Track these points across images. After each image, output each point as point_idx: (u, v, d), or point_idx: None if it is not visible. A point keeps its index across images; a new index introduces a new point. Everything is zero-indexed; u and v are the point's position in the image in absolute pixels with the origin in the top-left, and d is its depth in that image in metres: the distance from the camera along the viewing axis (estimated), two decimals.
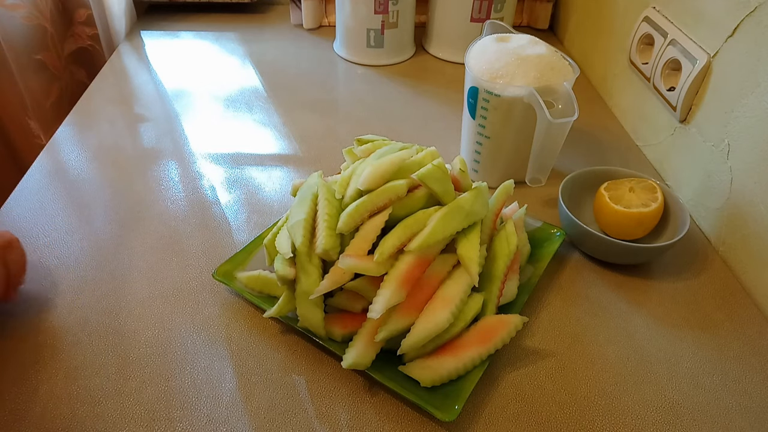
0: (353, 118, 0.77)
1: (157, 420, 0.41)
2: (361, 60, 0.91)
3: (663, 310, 0.51)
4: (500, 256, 0.47)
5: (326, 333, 0.44)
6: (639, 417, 0.42)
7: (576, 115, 0.53)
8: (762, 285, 0.52)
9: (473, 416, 0.42)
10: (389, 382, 0.41)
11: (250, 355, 0.46)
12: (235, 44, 0.95)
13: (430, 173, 0.44)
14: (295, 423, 0.41)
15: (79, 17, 0.88)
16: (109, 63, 0.88)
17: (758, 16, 0.51)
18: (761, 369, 0.46)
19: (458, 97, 0.82)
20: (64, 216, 0.58)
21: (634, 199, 0.55)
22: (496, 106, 0.58)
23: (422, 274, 0.43)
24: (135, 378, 0.44)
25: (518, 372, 0.45)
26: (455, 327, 0.42)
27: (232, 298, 0.50)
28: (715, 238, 0.58)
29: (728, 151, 0.56)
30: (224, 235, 0.57)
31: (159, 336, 0.47)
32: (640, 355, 0.47)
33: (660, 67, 0.65)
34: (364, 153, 0.51)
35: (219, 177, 0.65)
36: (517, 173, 0.62)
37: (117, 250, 0.55)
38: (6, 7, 0.75)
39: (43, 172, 0.64)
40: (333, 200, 0.46)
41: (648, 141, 0.71)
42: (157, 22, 1.00)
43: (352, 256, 0.42)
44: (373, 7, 0.84)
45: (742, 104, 0.53)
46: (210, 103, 0.79)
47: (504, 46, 0.60)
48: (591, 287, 0.53)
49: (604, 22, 0.82)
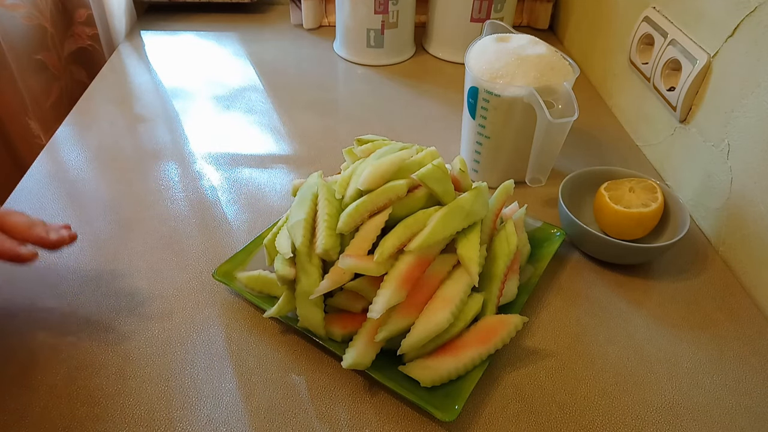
0: (353, 118, 0.77)
1: (157, 420, 0.41)
2: (361, 60, 0.91)
3: (663, 310, 0.51)
4: (500, 256, 0.47)
5: (326, 333, 0.44)
6: (639, 417, 0.42)
7: (576, 115, 0.53)
8: (762, 285, 0.52)
9: (473, 416, 0.42)
10: (389, 382, 0.41)
11: (250, 355, 0.46)
12: (235, 44, 0.95)
13: (430, 173, 0.44)
14: (295, 423, 0.41)
15: (79, 17, 0.88)
16: (109, 63, 0.88)
17: (758, 16, 0.51)
18: (761, 369, 0.46)
19: (458, 97, 0.82)
20: (64, 216, 0.58)
21: (634, 199, 0.55)
22: (496, 106, 0.58)
23: (422, 274, 0.43)
24: (135, 378, 0.44)
25: (518, 372, 0.45)
26: (455, 327, 0.42)
27: (232, 298, 0.50)
28: (715, 238, 0.58)
29: (728, 151, 0.56)
30: (224, 235, 0.57)
31: (159, 336, 0.47)
32: (640, 355, 0.47)
33: (660, 67, 0.65)
34: (364, 153, 0.51)
35: (219, 177, 0.65)
36: (517, 173, 0.62)
37: (117, 250, 0.55)
38: (6, 7, 0.75)
39: (43, 172, 0.64)
40: (333, 200, 0.46)
41: (648, 141, 0.71)
42: (157, 22, 1.00)
43: (352, 256, 0.42)
44: (373, 7, 0.84)
45: (742, 104, 0.53)
46: (210, 103, 0.79)
47: (504, 46, 0.60)
48: (591, 287, 0.53)
49: (604, 22, 0.82)
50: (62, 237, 0.43)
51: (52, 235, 0.43)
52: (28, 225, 0.43)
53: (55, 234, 0.43)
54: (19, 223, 0.43)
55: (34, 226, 0.43)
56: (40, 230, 0.43)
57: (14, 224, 0.42)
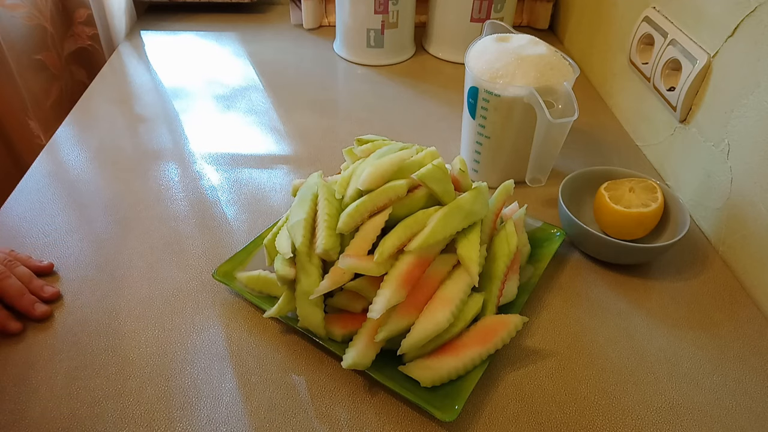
0: (353, 118, 0.77)
1: (157, 420, 0.41)
2: (361, 60, 0.91)
3: (663, 310, 0.51)
4: (500, 256, 0.47)
5: (326, 333, 0.44)
6: (639, 417, 0.42)
7: (576, 115, 0.53)
8: (762, 285, 0.52)
9: (473, 416, 0.42)
10: (389, 382, 0.41)
11: (250, 355, 0.46)
12: (235, 44, 0.95)
13: (430, 173, 0.44)
14: (295, 423, 0.41)
15: (79, 17, 0.88)
16: (109, 63, 0.88)
17: (758, 16, 0.51)
18: (761, 369, 0.46)
19: (458, 97, 0.82)
20: (64, 216, 0.58)
21: (634, 199, 0.55)
22: (496, 106, 0.58)
23: (422, 274, 0.43)
24: (135, 378, 0.44)
25: (518, 372, 0.45)
26: (455, 327, 0.42)
27: (232, 298, 0.50)
28: (715, 238, 0.58)
29: (728, 151, 0.56)
30: (224, 235, 0.57)
31: (159, 336, 0.47)
32: (640, 355, 0.47)
33: (660, 67, 0.65)
34: (364, 153, 0.51)
35: (219, 177, 0.65)
36: (517, 173, 0.62)
37: (117, 250, 0.55)
38: (6, 7, 0.75)
39: (43, 172, 0.64)
40: (333, 200, 0.46)
41: (648, 141, 0.71)
42: (157, 22, 1.00)
43: (352, 256, 0.42)
44: (373, 7, 0.84)
45: (742, 104, 0.53)
46: (210, 103, 0.79)
47: (504, 46, 0.60)
48: (591, 287, 0.53)
49: (604, 22, 0.82)
50: (45, 312, 0.48)
51: (37, 309, 0.48)
52: (20, 293, 0.47)
53: (40, 307, 0.48)
54: (13, 289, 0.47)
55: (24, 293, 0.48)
56: (28, 301, 0.47)
57: (7, 289, 0.47)
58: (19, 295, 0.47)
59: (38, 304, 0.48)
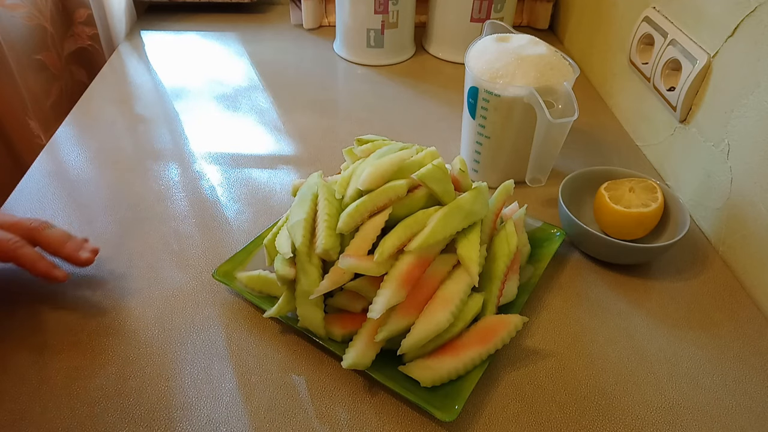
0: (353, 118, 0.77)
1: (157, 420, 0.41)
2: (361, 60, 0.91)
3: (663, 310, 0.51)
4: (500, 256, 0.47)
5: (326, 333, 0.44)
6: (639, 417, 0.42)
7: (576, 115, 0.53)
8: (762, 285, 0.52)
9: (473, 416, 0.42)
10: (389, 382, 0.41)
11: (250, 355, 0.46)
12: (235, 44, 0.95)
13: (430, 173, 0.44)
14: (295, 423, 0.41)
15: (79, 17, 0.88)
16: (109, 63, 0.88)
17: (758, 16, 0.51)
18: (761, 369, 0.46)
19: (458, 97, 0.82)
20: (64, 216, 0.58)
21: (634, 199, 0.55)
22: (496, 106, 0.58)
23: (422, 274, 0.43)
24: (135, 378, 0.44)
25: (518, 372, 0.45)
26: (455, 327, 0.42)
27: (232, 298, 0.50)
28: (715, 238, 0.58)
29: (728, 151, 0.56)
30: (224, 235, 0.57)
31: (159, 336, 0.47)
32: (640, 355, 0.47)
33: (660, 67, 0.65)
34: (364, 153, 0.51)
35: (219, 177, 0.65)
36: (517, 173, 0.62)
37: (117, 250, 0.55)
38: (6, 7, 0.75)
39: (43, 172, 0.64)
40: (333, 200, 0.46)
41: (648, 141, 0.71)
42: (157, 22, 1.00)
43: (352, 256, 0.42)
44: (373, 7, 0.84)
45: (742, 104, 0.53)
46: (210, 103, 0.79)
47: (504, 46, 0.60)
48: (591, 287, 0.53)
49: (604, 22, 0.82)
50: (89, 258, 0.48)
51: (83, 254, 0.48)
52: (61, 241, 0.48)
53: (85, 253, 0.48)
54: (54, 238, 0.48)
55: (66, 242, 0.48)
56: (72, 247, 0.48)
57: (49, 239, 0.47)
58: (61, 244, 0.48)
59: (84, 251, 0.48)
